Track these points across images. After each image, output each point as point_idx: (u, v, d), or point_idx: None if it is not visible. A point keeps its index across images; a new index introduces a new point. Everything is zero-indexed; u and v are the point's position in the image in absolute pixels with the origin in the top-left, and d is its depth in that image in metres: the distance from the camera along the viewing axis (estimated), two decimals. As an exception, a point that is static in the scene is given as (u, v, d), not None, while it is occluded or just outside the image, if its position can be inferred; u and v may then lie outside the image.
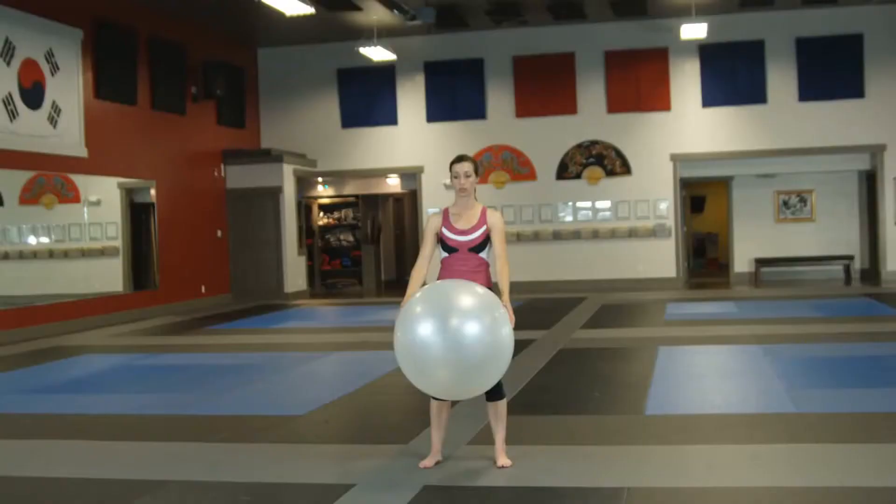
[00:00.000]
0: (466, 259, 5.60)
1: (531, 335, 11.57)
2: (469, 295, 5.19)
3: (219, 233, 18.98)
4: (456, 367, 5.06)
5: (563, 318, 13.87)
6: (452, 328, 5.03)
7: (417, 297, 5.27)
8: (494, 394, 5.59)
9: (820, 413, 6.87)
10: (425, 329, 5.06)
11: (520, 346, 10.38)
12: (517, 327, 5.49)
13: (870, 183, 19.61)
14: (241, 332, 13.98)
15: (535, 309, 15.52)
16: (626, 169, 19.65)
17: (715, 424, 6.67)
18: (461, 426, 6.61)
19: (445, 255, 5.66)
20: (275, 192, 19.18)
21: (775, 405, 7.24)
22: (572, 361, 9.80)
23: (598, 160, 19.71)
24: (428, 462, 5.68)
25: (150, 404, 8.16)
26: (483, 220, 5.64)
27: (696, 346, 10.63)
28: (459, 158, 5.66)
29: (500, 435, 5.67)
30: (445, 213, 5.70)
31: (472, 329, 5.05)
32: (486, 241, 5.61)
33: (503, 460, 5.63)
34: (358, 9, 17.09)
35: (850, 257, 19.71)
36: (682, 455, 5.83)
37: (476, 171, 5.67)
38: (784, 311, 13.99)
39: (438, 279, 5.61)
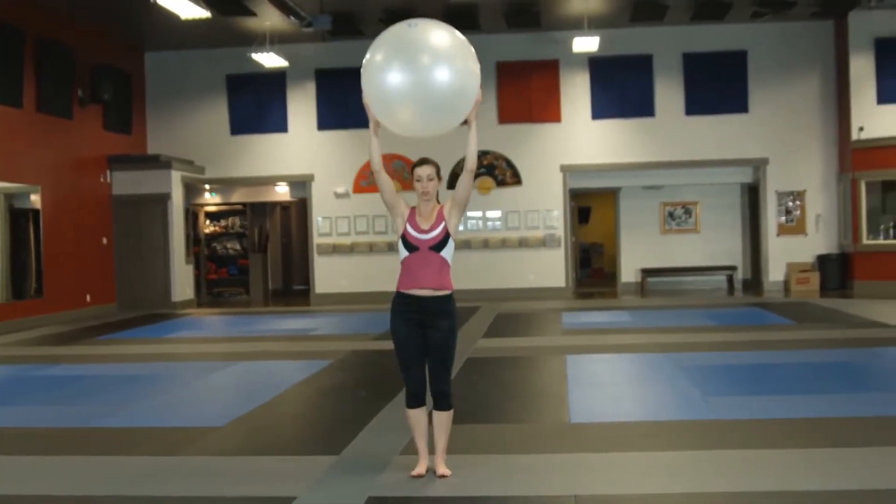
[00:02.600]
0: (428, 259, 5.53)
1: (435, 344, 11.52)
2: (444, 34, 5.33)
3: (104, 240, 18.47)
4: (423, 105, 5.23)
5: (462, 328, 13.87)
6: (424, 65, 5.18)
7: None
8: (443, 403, 5.57)
9: (741, 420, 7.00)
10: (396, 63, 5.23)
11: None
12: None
13: (752, 195, 20.19)
14: (134, 342, 13.60)
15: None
16: (516, 179, 19.81)
17: (642, 432, 6.73)
18: (391, 436, 6.57)
19: (406, 254, 5.56)
20: (162, 199, 18.76)
21: (695, 412, 7.35)
22: (482, 370, 9.79)
23: (489, 170, 19.82)
24: (420, 469, 5.62)
25: (57, 417, 7.88)
26: (440, 216, 5.58)
27: (601, 355, 10.75)
28: (421, 161, 5.59)
29: (441, 444, 5.64)
30: (412, 211, 5.62)
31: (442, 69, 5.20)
32: (446, 239, 5.54)
33: (443, 469, 5.60)
34: (252, 14, 16.85)
35: (734, 268, 20.25)
36: (619, 462, 5.86)
37: (438, 174, 5.59)
38: (678, 320, 14.26)
39: (399, 283, 5.57)
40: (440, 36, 5.27)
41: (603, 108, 19.71)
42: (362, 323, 15.20)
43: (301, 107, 20.20)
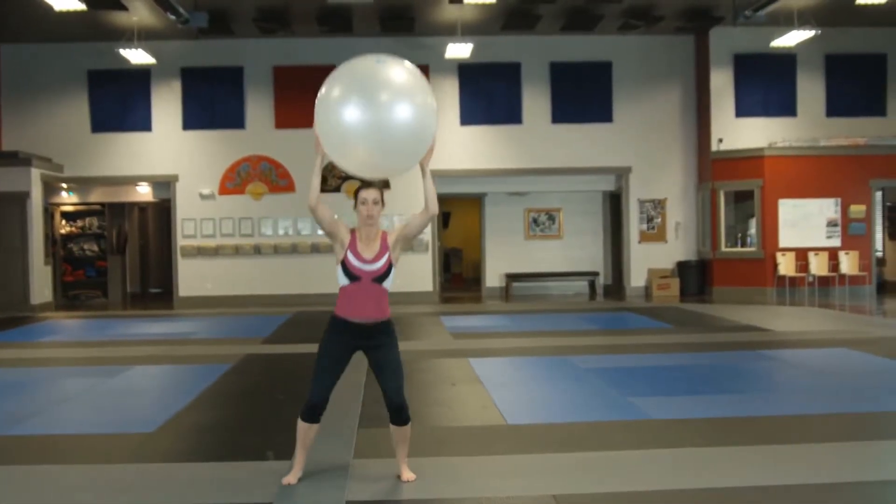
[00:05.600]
0: (369, 290, 5.44)
1: (327, 348, 11.40)
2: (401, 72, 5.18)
3: (-42, 240, 17.66)
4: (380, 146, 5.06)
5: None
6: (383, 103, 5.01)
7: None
8: (402, 418, 5.54)
9: (675, 419, 7.19)
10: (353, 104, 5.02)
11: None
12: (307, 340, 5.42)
13: (614, 203, 20.74)
14: (5, 346, 12.96)
15: (306, 322, 15.38)
16: (385, 183, 19.78)
17: (585, 432, 6.85)
18: (334, 441, 6.53)
19: (346, 282, 5.47)
20: (21, 198, 18.02)
21: (626, 413, 7.52)
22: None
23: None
24: (291, 478, 5.55)
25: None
26: (384, 245, 5.52)
27: (502, 358, 10.86)
28: (367, 185, 5.48)
29: (403, 454, 5.64)
30: (353, 237, 5.52)
31: (402, 107, 5.04)
32: (389, 270, 5.49)
33: (408, 474, 5.60)
34: (124, 8, 16.37)
35: (596, 273, 20.75)
36: (581, 461, 5.95)
37: (382, 199, 5.51)
38: (559, 324, 14.53)
39: (339, 308, 5.47)
40: (400, 73, 5.14)
41: (471, 114, 19.93)
42: (241, 326, 14.94)
43: (166, 106, 19.72)
